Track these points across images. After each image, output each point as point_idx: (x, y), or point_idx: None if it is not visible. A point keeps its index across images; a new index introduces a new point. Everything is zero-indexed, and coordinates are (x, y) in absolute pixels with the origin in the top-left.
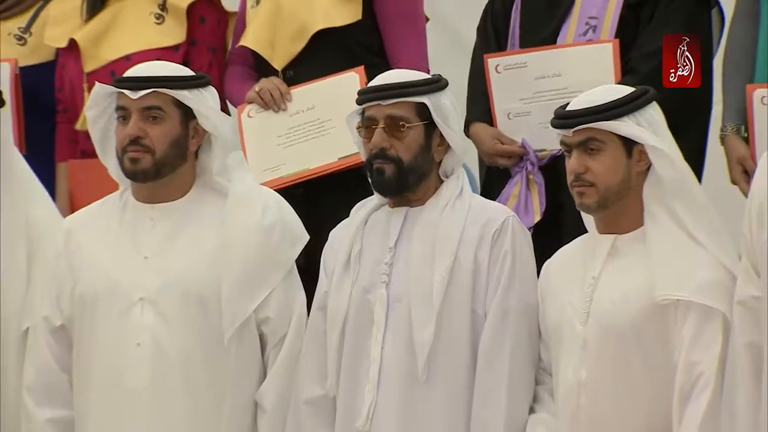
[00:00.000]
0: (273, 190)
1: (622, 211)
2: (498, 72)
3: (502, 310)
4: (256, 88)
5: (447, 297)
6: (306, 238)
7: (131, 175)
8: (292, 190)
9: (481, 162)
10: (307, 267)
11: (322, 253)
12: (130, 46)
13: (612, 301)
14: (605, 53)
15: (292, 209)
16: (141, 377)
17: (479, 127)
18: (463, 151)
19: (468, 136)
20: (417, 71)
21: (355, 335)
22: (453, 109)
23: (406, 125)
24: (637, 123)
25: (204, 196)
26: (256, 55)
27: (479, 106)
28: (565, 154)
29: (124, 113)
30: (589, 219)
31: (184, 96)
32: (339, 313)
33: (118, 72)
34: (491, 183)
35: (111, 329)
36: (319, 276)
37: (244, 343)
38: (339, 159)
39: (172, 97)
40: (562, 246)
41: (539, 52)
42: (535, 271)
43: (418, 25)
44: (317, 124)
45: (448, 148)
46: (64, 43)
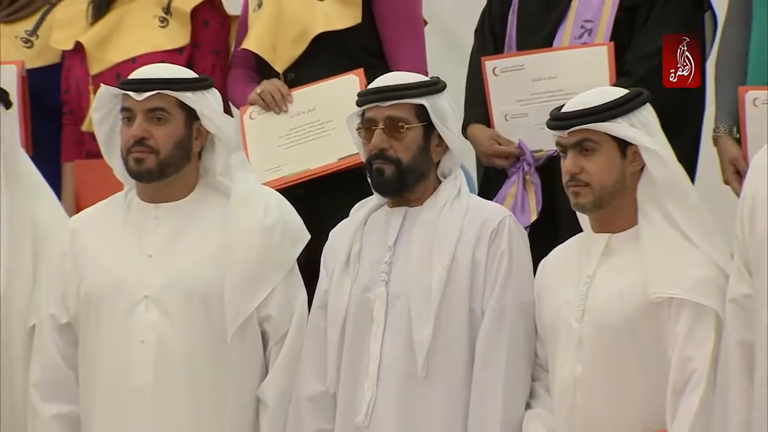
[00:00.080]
0: (275, 190)
1: (617, 211)
2: (495, 74)
3: (499, 308)
4: (258, 90)
5: (445, 295)
6: (307, 237)
7: (136, 175)
8: (293, 190)
9: (478, 162)
10: (308, 266)
11: (323, 252)
12: (135, 49)
13: (607, 298)
14: (600, 56)
15: (294, 209)
16: (145, 374)
17: (477, 129)
18: (460, 151)
19: (466, 137)
20: (416, 73)
21: (355, 333)
22: (451, 110)
23: (405, 126)
24: (631, 124)
25: (207, 196)
26: (258, 57)
27: (477, 107)
28: (560, 154)
29: (129, 114)
30: (584, 218)
31: (188, 98)
32: (339, 311)
33: (124, 74)
34: (488, 183)
35: (116, 327)
36: (320, 275)
37: (247, 340)
38: (339, 159)
39: (176, 98)
40: (558, 245)
41: (536, 55)
42: (532, 270)
43: (417, 28)
44: (318, 126)
45: (446, 148)
46: (70, 46)
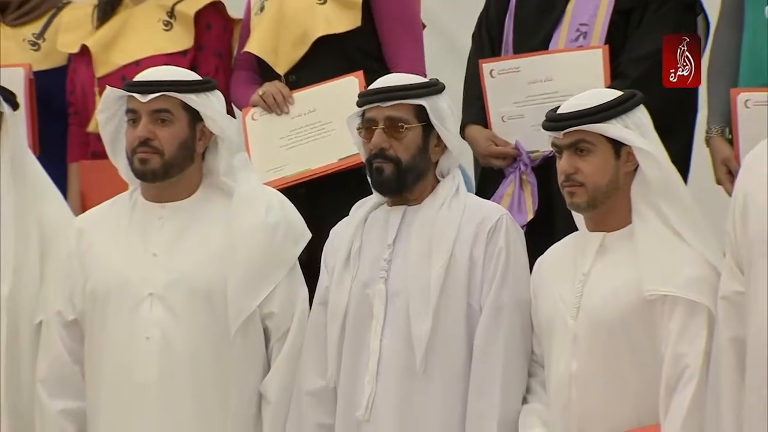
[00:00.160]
0: (276, 190)
1: (611, 210)
2: (492, 77)
3: (496, 305)
4: (260, 91)
5: (443, 292)
6: (308, 236)
7: (141, 175)
8: (294, 189)
9: (476, 163)
10: (309, 263)
11: (323, 250)
12: (139, 52)
13: (601, 296)
14: (595, 58)
15: (295, 208)
16: (150, 370)
17: (474, 130)
18: (459, 152)
19: (464, 138)
20: (415, 75)
21: (355, 329)
22: (450, 111)
23: (405, 126)
24: (625, 125)
25: (210, 195)
26: (260, 60)
27: (474, 109)
28: (556, 155)
29: (134, 116)
30: (579, 217)
31: (192, 99)
32: (339, 308)
33: (129, 76)
34: (486, 183)
35: (121, 324)
36: (321, 272)
37: (249, 337)
38: (339, 160)
39: (180, 100)
40: (554, 243)
41: (532, 58)
42: (528, 268)
43: (416, 32)
44: (318, 127)
45: (444, 149)
46: (76, 49)
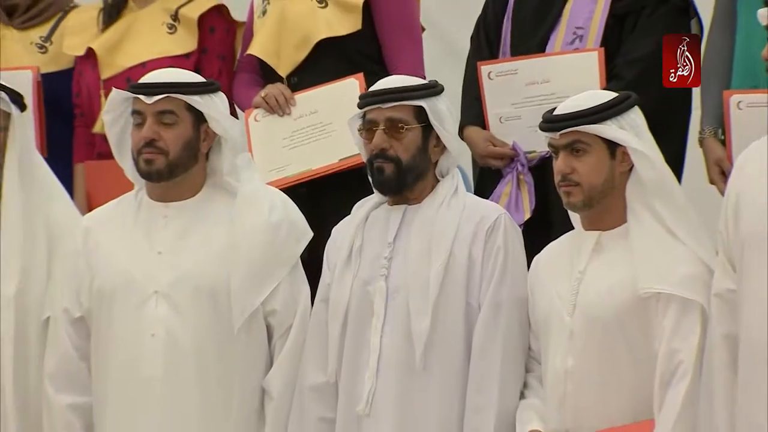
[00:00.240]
0: (279, 190)
1: (606, 209)
2: (490, 78)
3: (495, 302)
4: (263, 93)
5: (443, 290)
6: (310, 234)
7: (146, 175)
8: (296, 189)
9: (474, 163)
10: (310, 262)
11: (325, 248)
12: (144, 54)
13: (597, 293)
14: (591, 61)
15: (297, 208)
16: (155, 366)
17: (473, 130)
18: (458, 152)
19: (462, 139)
20: (414, 77)
21: (356, 325)
22: (448, 112)
23: (405, 127)
24: (620, 126)
25: (214, 195)
26: (262, 62)
27: (473, 110)
28: (552, 155)
29: (139, 117)
30: (575, 216)
31: (196, 101)
32: (341, 305)
33: (134, 78)
34: (484, 182)
35: (127, 321)
36: (323, 270)
37: (252, 333)
38: (340, 160)
39: (185, 102)
40: (551, 242)
41: (529, 60)
42: (526, 266)
43: (415, 34)
44: (320, 127)
45: (443, 149)
46: (81, 52)
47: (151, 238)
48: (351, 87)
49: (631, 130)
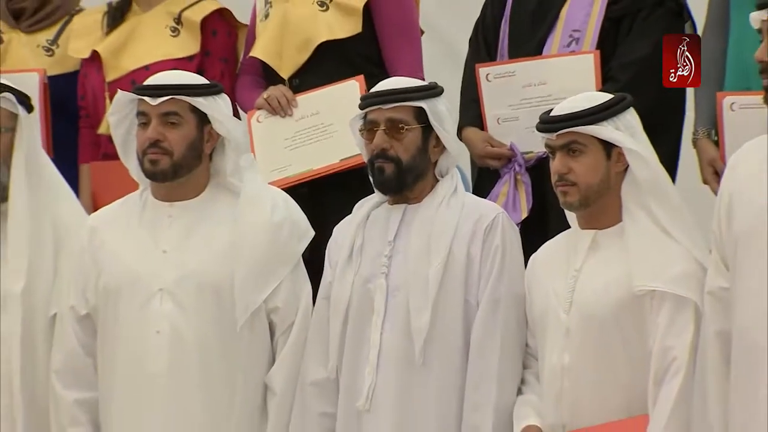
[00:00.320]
0: (281, 190)
1: (602, 209)
2: (488, 80)
3: (493, 300)
4: (265, 95)
5: (442, 287)
6: (311, 233)
7: (151, 175)
8: (297, 189)
9: (472, 163)
10: (311, 260)
11: (327, 247)
12: (148, 57)
13: (593, 291)
14: (587, 63)
15: (299, 207)
16: (160, 362)
17: (471, 131)
18: (457, 152)
19: (461, 140)
20: (414, 79)
21: (357, 322)
22: (448, 113)
23: (405, 128)
24: (616, 127)
25: (218, 195)
26: (265, 65)
27: (471, 111)
28: (549, 155)
29: (144, 118)
30: (571, 215)
31: (200, 103)
32: (342, 302)
33: (138, 81)
34: (482, 182)
35: (133, 318)
36: (324, 268)
37: (255, 330)
38: (341, 160)
39: (189, 103)
40: (547, 240)
41: (526, 62)
42: (523, 264)
43: (414, 37)
44: (321, 128)
45: (443, 149)
46: (86, 54)
47: (156, 237)
48: (351, 89)
49: (627, 131)
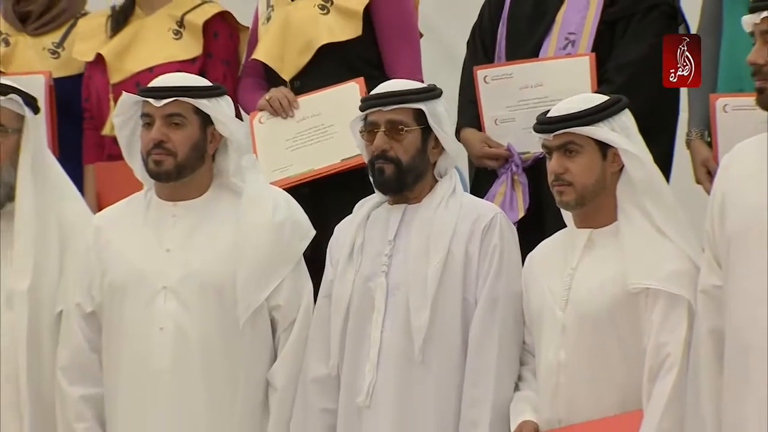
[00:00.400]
0: (282, 189)
1: (598, 208)
2: (486, 82)
3: (491, 298)
4: (267, 96)
5: (441, 286)
6: (312, 233)
7: (155, 175)
8: (298, 189)
9: (470, 163)
10: (313, 259)
11: (328, 246)
12: (152, 59)
13: (589, 289)
14: (583, 65)
15: (300, 207)
16: (164, 359)
17: (469, 132)
18: (456, 153)
19: (459, 141)
20: (413, 81)
21: (358, 320)
22: (446, 115)
23: (405, 129)
24: (611, 128)
25: (221, 195)
26: (266, 67)
27: (469, 113)
28: (546, 156)
29: (148, 119)
30: (568, 215)
31: (203, 104)
32: (343, 300)
33: (142, 83)
34: (480, 182)
35: (137, 315)
36: (325, 266)
37: (257, 328)
38: (341, 161)
39: (192, 105)
40: (544, 239)
41: (523, 64)
42: (520, 262)
43: (413, 40)
44: (322, 129)
45: (442, 150)
46: (91, 57)
47: (160, 236)
48: (352, 90)
49: (622, 131)
